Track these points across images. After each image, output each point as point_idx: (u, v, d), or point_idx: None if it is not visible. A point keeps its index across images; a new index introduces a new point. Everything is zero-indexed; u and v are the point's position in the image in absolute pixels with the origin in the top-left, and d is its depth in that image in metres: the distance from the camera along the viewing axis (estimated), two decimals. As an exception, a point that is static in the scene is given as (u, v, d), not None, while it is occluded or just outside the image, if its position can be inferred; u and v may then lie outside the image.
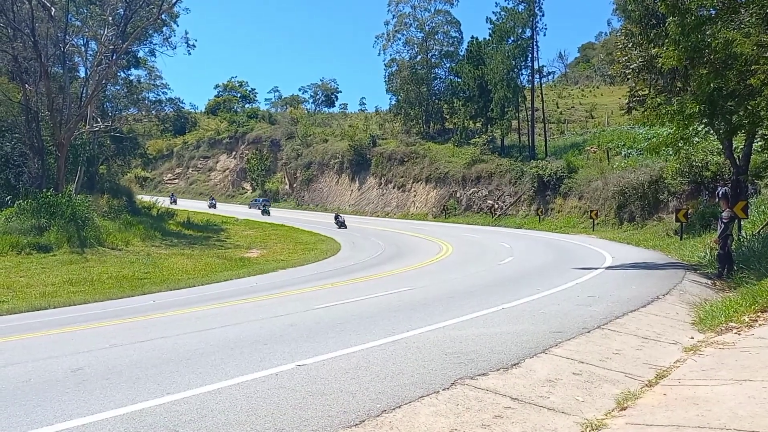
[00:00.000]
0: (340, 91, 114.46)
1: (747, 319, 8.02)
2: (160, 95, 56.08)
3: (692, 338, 7.57)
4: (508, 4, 54.95)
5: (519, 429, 4.30)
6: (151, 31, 41.74)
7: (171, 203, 58.98)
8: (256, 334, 8.40)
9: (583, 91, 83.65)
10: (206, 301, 14.34)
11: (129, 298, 16.71)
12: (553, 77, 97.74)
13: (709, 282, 13.30)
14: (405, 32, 70.12)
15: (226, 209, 64.35)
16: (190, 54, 69.17)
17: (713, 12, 14.97)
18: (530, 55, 55.47)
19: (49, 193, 26.90)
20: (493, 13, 56.12)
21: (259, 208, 59.97)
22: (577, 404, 4.90)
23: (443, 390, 5.15)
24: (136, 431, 4.29)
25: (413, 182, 59.67)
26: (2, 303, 15.71)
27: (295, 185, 75.44)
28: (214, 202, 68.91)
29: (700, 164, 29.06)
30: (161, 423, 4.46)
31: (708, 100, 14.82)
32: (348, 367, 6.04)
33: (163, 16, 37.80)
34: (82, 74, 40.00)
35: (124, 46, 34.86)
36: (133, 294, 17.40)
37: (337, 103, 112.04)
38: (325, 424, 4.35)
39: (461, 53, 66.16)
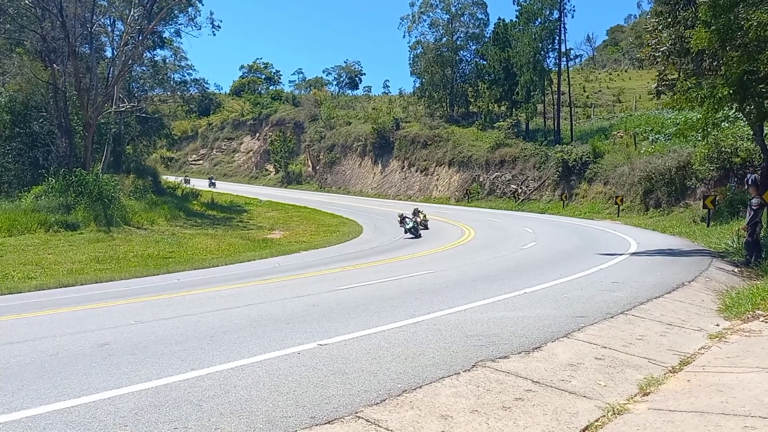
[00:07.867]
0: (364, 74, 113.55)
1: (774, 308, 7.89)
2: (185, 76, 56.57)
3: (717, 325, 7.47)
4: (537, -15, 54.09)
5: (540, 411, 4.29)
6: (176, 12, 41.99)
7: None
8: (278, 314, 8.48)
9: (610, 74, 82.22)
10: (230, 280, 14.49)
11: (154, 276, 16.96)
12: (581, 60, 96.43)
13: (736, 269, 13.08)
14: (430, 13, 69.37)
15: (248, 190, 64.82)
16: (215, 35, 69.70)
17: (746, -7, 14.57)
18: (557, 38, 54.65)
19: (77, 172, 27.28)
20: (521, -7, 55.30)
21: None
22: (599, 388, 4.87)
23: (464, 371, 5.15)
24: (161, 405, 4.36)
25: (436, 166, 59.39)
26: (31, 279, 16.06)
27: (317, 167, 75.56)
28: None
29: (729, 150, 28.47)
30: (186, 398, 4.52)
31: (739, 83, 14.49)
32: (369, 348, 6.07)
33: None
34: (109, 54, 40.42)
35: (151, 26, 35.09)
36: (158, 272, 17.65)
37: (360, 86, 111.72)
38: (346, 402, 4.38)
39: (487, 35, 65.27)
